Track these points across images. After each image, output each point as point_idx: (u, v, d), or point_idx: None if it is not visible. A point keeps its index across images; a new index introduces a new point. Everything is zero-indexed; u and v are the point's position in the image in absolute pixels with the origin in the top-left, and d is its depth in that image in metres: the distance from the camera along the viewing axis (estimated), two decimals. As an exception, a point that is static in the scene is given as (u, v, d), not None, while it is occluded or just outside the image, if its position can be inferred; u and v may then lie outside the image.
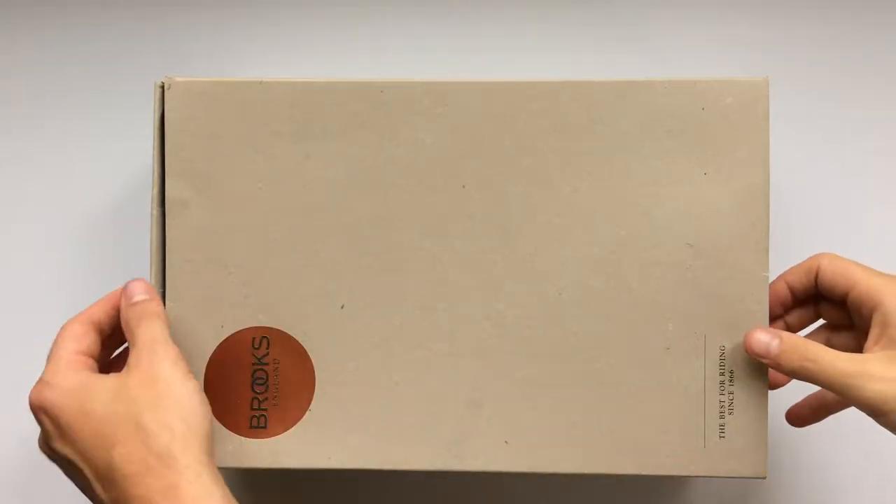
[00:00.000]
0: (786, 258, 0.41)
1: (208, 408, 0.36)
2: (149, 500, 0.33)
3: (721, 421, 0.38)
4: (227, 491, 0.34)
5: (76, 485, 0.36)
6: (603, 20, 0.50)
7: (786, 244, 0.47)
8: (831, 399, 0.41)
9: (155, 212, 0.39)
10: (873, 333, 0.37)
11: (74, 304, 0.40)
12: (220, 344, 0.39)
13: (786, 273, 0.40)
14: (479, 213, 0.39)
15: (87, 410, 0.35)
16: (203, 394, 0.36)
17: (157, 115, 0.39)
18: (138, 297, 0.38)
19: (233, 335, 0.40)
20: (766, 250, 0.38)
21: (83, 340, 0.38)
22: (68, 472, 0.36)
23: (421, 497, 0.50)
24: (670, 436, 0.39)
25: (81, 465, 0.35)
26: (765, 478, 0.39)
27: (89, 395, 0.35)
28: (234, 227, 0.39)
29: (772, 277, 0.39)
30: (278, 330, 0.40)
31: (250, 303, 0.39)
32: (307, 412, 0.39)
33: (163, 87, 0.39)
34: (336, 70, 0.50)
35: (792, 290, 0.40)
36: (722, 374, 0.38)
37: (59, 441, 0.35)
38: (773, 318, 0.40)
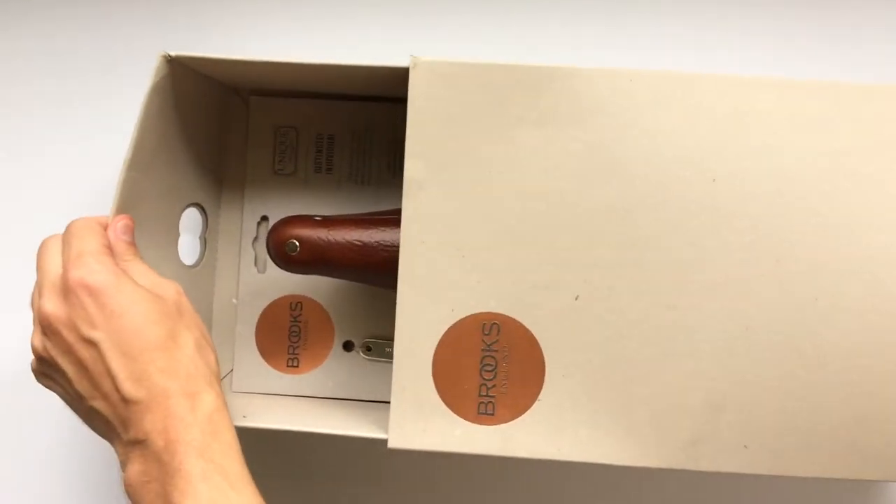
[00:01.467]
0: None
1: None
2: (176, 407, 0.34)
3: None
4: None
5: (78, 376, 0.35)
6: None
7: None
8: None
9: (124, 175, 0.39)
10: None
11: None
12: (451, 327, 0.39)
13: None
14: (728, 209, 0.37)
15: (133, 300, 0.35)
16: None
17: (153, 84, 0.39)
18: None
19: (463, 319, 0.39)
20: None
21: (104, 239, 0.38)
22: (78, 363, 0.35)
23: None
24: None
25: (108, 351, 0.34)
26: None
27: (135, 288, 0.36)
28: (468, 211, 0.39)
29: None
30: (510, 317, 0.39)
31: (482, 288, 0.39)
32: (536, 402, 0.39)
33: (166, 59, 0.39)
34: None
35: None
36: None
37: (89, 326, 0.34)
38: None
